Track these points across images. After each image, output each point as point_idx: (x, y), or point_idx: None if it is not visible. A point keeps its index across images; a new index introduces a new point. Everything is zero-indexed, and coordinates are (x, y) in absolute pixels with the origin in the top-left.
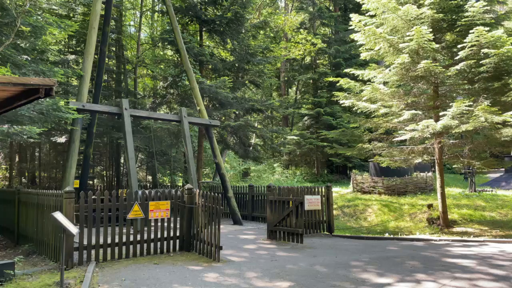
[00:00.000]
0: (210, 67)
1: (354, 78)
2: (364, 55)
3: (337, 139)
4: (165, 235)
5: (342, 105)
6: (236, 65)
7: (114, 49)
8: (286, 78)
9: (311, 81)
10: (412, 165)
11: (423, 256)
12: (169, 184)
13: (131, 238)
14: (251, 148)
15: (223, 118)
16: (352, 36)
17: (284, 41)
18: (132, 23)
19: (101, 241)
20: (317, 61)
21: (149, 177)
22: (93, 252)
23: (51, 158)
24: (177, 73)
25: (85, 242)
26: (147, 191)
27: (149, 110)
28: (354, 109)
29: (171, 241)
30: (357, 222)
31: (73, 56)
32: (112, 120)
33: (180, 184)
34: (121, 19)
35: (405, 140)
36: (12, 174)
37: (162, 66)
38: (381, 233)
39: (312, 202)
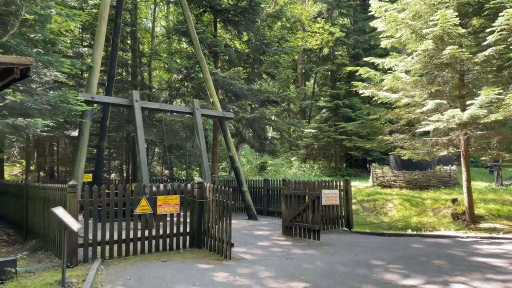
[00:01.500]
0: (224, 58)
1: (374, 68)
2: (384, 43)
3: (356, 131)
4: (175, 231)
5: (362, 96)
6: (251, 56)
7: (129, 42)
8: (303, 71)
9: (329, 73)
10: (436, 158)
11: (450, 255)
12: (184, 178)
13: (139, 234)
14: (267, 141)
15: (238, 110)
16: (372, 23)
17: (301, 31)
18: (148, 16)
19: (107, 237)
20: (335, 53)
21: (166, 171)
22: (99, 248)
23: (69, 152)
24: (191, 65)
25: (91, 238)
26: (155, 185)
27: (162, 103)
28: (374, 99)
29: (181, 238)
30: (377, 217)
31: (86, 49)
32: (127, 113)
33: (196, 178)
34: (136, 12)
35: (428, 132)
36: (30, 168)
37: (176, 58)
38: (403, 229)
39: (330, 197)
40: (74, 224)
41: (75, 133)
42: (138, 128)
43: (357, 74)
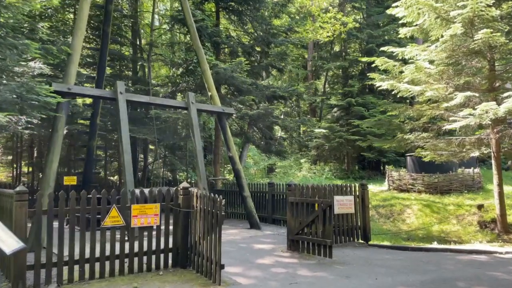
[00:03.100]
0: (226, 50)
1: (392, 58)
2: (403, 32)
3: (370, 131)
4: (154, 247)
5: (377, 92)
6: (256, 47)
7: (127, 35)
8: (313, 68)
9: (340, 70)
10: (464, 159)
11: (494, 279)
12: (185, 180)
13: (108, 252)
14: (277, 142)
15: (241, 107)
16: (389, 11)
17: (310, 21)
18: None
19: (67, 256)
20: (347, 49)
21: (168, 173)
22: (55, 271)
23: (70, 153)
24: (190, 57)
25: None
26: (137, 190)
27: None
28: (392, 93)
29: (162, 255)
30: (394, 225)
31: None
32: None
33: (195, 180)
34: (136, 3)
35: (452, 130)
36: (29, 170)
37: (175, 50)
38: (425, 239)
39: (344, 204)
40: (10, 244)
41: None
42: (122, 125)
43: (373, 65)
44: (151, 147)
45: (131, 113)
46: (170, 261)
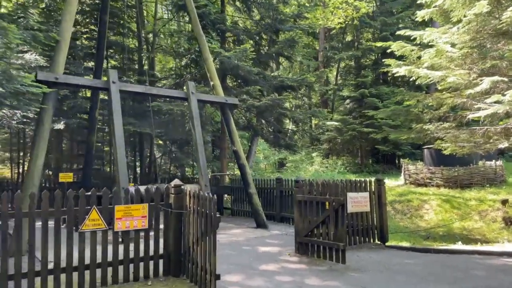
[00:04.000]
0: (232, 38)
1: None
2: (421, 14)
3: (385, 123)
4: (142, 253)
5: (392, 82)
6: (263, 35)
7: (129, 25)
8: (325, 59)
9: (353, 60)
10: (491, 151)
11: None
12: (192, 176)
13: (88, 260)
14: (287, 135)
15: (247, 98)
16: None
17: (321, 7)
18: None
19: (38, 266)
20: (360, 39)
21: (175, 169)
22: (24, 283)
23: (75, 149)
24: (193, 46)
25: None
26: (131, 188)
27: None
28: (411, 79)
29: (151, 263)
30: (411, 221)
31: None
32: (126, 104)
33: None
34: None
35: (475, 120)
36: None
37: (178, 39)
38: (446, 238)
39: (358, 202)
40: None
41: (59, 126)
42: (115, 117)
43: (388, 51)
44: (159, 141)
45: (132, 106)
46: (161, 269)
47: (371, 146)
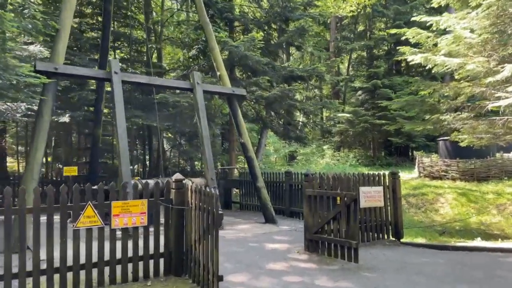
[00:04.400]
0: (240, 28)
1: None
2: (437, 0)
3: (399, 114)
4: (141, 252)
5: (411, 63)
6: (272, 24)
7: (137, 17)
8: (336, 50)
9: (365, 51)
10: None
11: None
12: (201, 170)
13: (83, 260)
14: (297, 127)
15: (256, 89)
16: None
17: None
18: None
19: (31, 265)
20: (373, 29)
21: (184, 162)
22: (16, 284)
23: (83, 142)
24: (200, 36)
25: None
26: (139, 182)
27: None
28: (427, 67)
29: (151, 262)
30: (426, 215)
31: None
32: (134, 97)
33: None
34: None
35: (491, 111)
36: (47, 160)
37: (182, 28)
38: (463, 232)
39: (371, 196)
40: None
41: (64, 119)
42: (117, 108)
43: (403, 38)
44: (169, 135)
45: (140, 98)
46: (161, 269)
47: (384, 138)
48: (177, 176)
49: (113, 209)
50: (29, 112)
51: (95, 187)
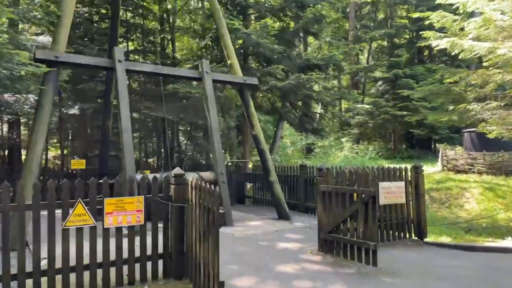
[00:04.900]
0: (254, 15)
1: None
2: None
3: (421, 105)
4: (138, 253)
5: (433, 53)
6: (287, 11)
7: (151, 7)
8: (355, 39)
9: (386, 40)
10: None
11: None
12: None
13: (73, 262)
14: (314, 119)
15: (270, 78)
16: None
17: None
18: None
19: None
20: (394, 17)
21: (198, 156)
22: None
23: (95, 135)
24: (213, 24)
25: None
26: (139, 177)
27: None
28: (454, 53)
29: (149, 264)
30: (450, 211)
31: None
32: (147, 88)
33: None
34: None
35: None
36: (64, 153)
37: (194, 16)
38: (491, 230)
39: (392, 193)
40: None
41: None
42: (121, 98)
43: (427, 22)
44: (183, 128)
45: (152, 90)
46: (160, 271)
47: (405, 130)
48: (177, 170)
49: (106, 206)
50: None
51: (101, 181)
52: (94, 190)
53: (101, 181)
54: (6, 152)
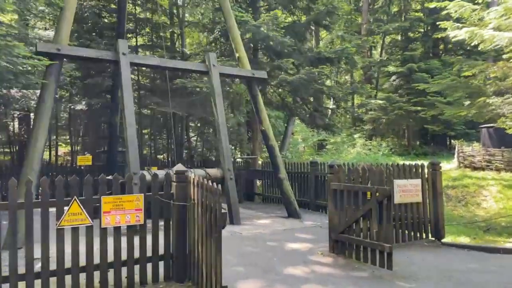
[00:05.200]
0: (263, 7)
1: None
2: None
3: (436, 100)
4: (137, 254)
5: (454, 40)
6: (298, 2)
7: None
8: (368, 33)
9: (400, 34)
10: None
11: None
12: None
13: (68, 264)
14: (325, 114)
15: (279, 72)
16: None
17: None
18: None
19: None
20: (408, 10)
21: (208, 152)
22: None
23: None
24: (221, 17)
25: None
26: (148, 172)
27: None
28: (473, 43)
29: (149, 266)
30: (467, 209)
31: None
32: (156, 83)
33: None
34: None
35: None
36: (76, 149)
37: (202, 10)
38: (511, 229)
39: (407, 191)
40: None
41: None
42: (125, 92)
43: (444, 12)
44: (193, 123)
45: (159, 85)
46: (161, 273)
47: (419, 126)
48: (179, 167)
49: (103, 205)
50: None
51: (109, 177)
52: (89, 187)
53: (111, 177)
54: (17, 148)
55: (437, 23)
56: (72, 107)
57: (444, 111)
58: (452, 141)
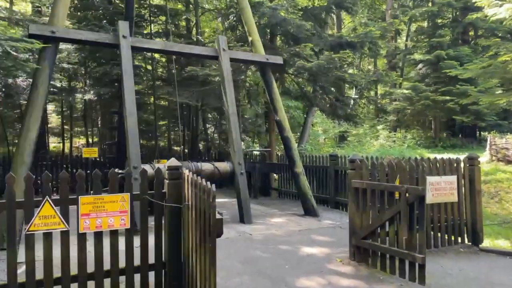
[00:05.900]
0: None
1: None
2: None
3: (465, 89)
4: (122, 264)
5: (493, 19)
6: None
7: None
8: (394, 19)
9: (426, 20)
10: None
11: None
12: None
13: (40, 275)
14: (347, 104)
15: (297, 59)
16: None
17: None
18: None
19: None
20: None
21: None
22: None
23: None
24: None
25: None
26: (150, 166)
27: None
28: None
29: (137, 276)
30: (501, 206)
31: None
32: (172, 72)
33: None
34: None
35: None
36: (93, 140)
37: None
38: None
39: (441, 189)
40: None
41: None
42: (125, 78)
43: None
44: (210, 115)
45: (172, 74)
46: (152, 284)
47: (447, 117)
48: (172, 162)
49: (81, 206)
50: (53, 89)
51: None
52: (65, 185)
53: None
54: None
55: (472, 1)
56: (84, 98)
57: (480, 99)
58: (482, 132)
